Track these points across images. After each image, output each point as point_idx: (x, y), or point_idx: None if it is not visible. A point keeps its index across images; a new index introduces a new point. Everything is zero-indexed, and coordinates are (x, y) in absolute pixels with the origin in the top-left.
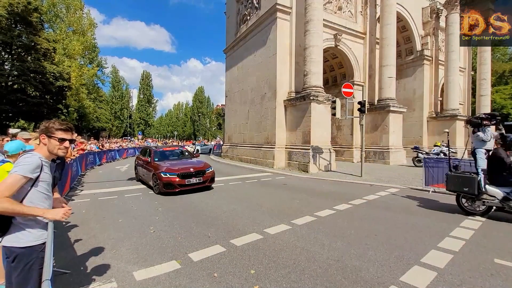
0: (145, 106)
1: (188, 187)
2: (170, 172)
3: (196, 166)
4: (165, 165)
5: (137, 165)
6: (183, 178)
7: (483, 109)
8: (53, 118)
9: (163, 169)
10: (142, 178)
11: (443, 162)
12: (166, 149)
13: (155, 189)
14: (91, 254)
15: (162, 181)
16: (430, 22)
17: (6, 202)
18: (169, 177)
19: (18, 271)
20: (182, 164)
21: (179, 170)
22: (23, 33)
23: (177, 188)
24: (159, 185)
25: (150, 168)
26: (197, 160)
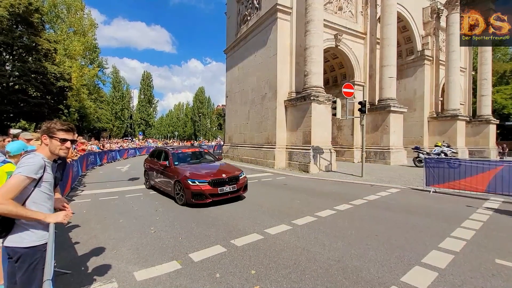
0: (146, 106)
1: (221, 197)
2: (199, 178)
3: (227, 171)
4: (190, 170)
5: (148, 170)
6: (215, 186)
7: (484, 109)
8: (54, 119)
9: (190, 175)
10: (157, 185)
11: (444, 163)
12: (185, 150)
13: (178, 200)
14: (92, 254)
15: (190, 190)
16: (431, 22)
17: (10, 204)
18: (198, 185)
19: (23, 271)
20: (209, 168)
21: (209, 176)
22: (24, 33)
23: (208, 198)
24: (185, 195)
25: (170, 174)
26: (223, 163)
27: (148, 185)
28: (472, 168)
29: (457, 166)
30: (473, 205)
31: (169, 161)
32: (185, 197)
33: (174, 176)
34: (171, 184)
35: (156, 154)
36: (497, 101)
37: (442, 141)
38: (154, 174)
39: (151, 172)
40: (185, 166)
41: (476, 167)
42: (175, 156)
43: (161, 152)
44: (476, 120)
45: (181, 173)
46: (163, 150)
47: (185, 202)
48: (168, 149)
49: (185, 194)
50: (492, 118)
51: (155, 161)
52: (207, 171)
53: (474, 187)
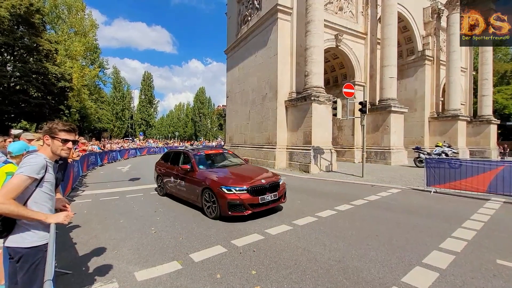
0: (147, 106)
1: (262, 207)
2: (236, 185)
3: (265, 176)
4: (221, 175)
5: (162, 174)
6: (256, 195)
7: (484, 109)
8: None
9: (224, 182)
10: (175, 193)
11: (445, 163)
12: (208, 152)
13: (207, 211)
14: (93, 255)
15: (227, 200)
16: (431, 22)
17: (12, 204)
18: (236, 194)
19: (24, 271)
20: (242, 173)
21: (247, 182)
22: (25, 34)
23: (247, 209)
24: (219, 206)
25: (195, 180)
26: (255, 166)
27: (162, 192)
28: (473, 168)
29: (458, 166)
30: (474, 205)
31: (192, 164)
32: (218, 208)
33: (201, 182)
34: (197, 193)
35: (172, 157)
36: (498, 101)
37: (443, 141)
38: (171, 180)
39: (166, 177)
40: (213, 170)
41: (477, 167)
42: (199, 158)
43: (179, 154)
44: (477, 120)
45: (212, 179)
46: (181, 152)
47: (219, 214)
48: (188, 150)
49: (219, 205)
50: (493, 118)
51: (171, 165)
52: (242, 176)
53: (475, 187)
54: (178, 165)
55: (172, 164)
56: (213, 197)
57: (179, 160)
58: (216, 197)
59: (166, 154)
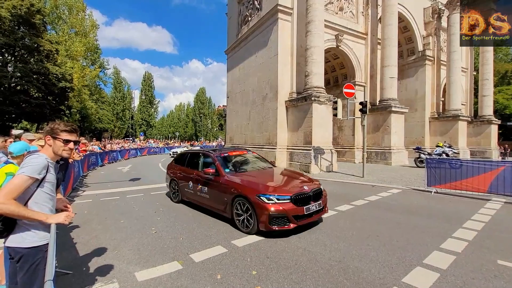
0: (147, 107)
1: (307, 219)
2: (277, 193)
3: (306, 182)
4: (256, 181)
5: (178, 179)
6: (301, 205)
7: (485, 109)
8: (55, 119)
9: (263, 189)
10: (195, 200)
11: (446, 163)
12: (232, 153)
13: (240, 225)
14: (93, 255)
15: (268, 211)
16: (432, 23)
17: (13, 205)
18: (278, 204)
19: (24, 271)
20: (279, 178)
21: (289, 190)
22: (26, 35)
23: (292, 222)
24: (259, 218)
25: (224, 186)
26: (289, 170)
27: (176, 199)
28: (473, 169)
29: (459, 166)
30: (475, 205)
31: (216, 168)
32: (256, 221)
33: (231, 189)
34: (226, 201)
35: (189, 159)
36: (499, 101)
37: (444, 142)
38: (189, 186)
39: (183, 182)
40: (242, 175)
41: (477, 168)
42: (223, 161)
43: (197, 156)
44: (477, 120)
45: (246, 186)
46: (200, 153)
47: (256, 228)
48: (209, 151)
49: (257, 217)
50: (493, 118)
51: (188, 168)
52: (279, 182)
53: (475, 187)
54: (198, 169)
55: (190, 167)
56: (249, 207)
57: (199, 163)
58: (253, 208)
59: (181, 156)
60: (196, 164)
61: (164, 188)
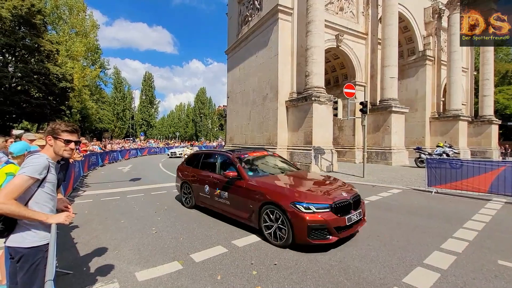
0: (147, 107)
1: (348, 231)
2: (315, 201)
3: (343, 188)
4: (287, 186)
5: (191, 182)
6: (341, 214)
7: (486, 109)
8: (56, 119)
9: (299, 196)
10: (213, 207)
11: (446, 163)
12: (253, 154)
13: (273, 237)
14: (94, 255)
15: (306, 222)
16: (432, 23)
17: (13, 205)
18: (317, 214)
19: (24, 271)
20: (311, 183)
21: (328, 197)
22: (26, 35)
23: (334, 235)
24: (294, 229)
25: (249, 191)
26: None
27: (189, 204)
28: (474, 169)
29: (459, 166)
30: (475, 205)
31: (238, 171)
32: (290, 233)
33: (258, 196)
34: (251, 209)
35: (203, 161)
36: (499, 101)
37: (444, 142)
38: (205, 190)
39: (196, 186)
40: (270, 179)
41: (478, 168)
42: (245, 163)
43: (213, 157)
44: (478, 120)
45: (277, 192)
46: (216, 154)
47: (290, 241)
48: (228, 153)
49: (292, 228)
50: (494, 118)
51: (202, 170)
52: (314, 187)
53: (476, 187)
54: (215, 171)
55: (205, 169)
56: (281, 217)
57: (216, 165)
58: (286, 218)
59: (193, 157)
60: (212, 166)
61: (164, 188)
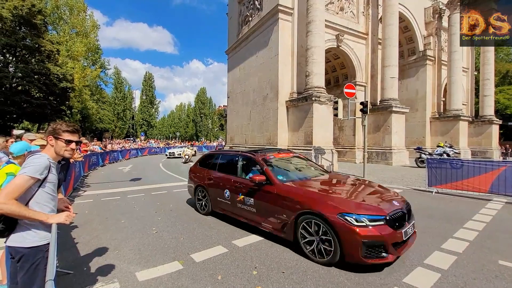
0: (148, 107)
1: (405, 247)
2: (367, 213)
3: (391, 195)
4: (329, 193)
5: (207, 186)
6: (397, 227)
7: (486, 109)
8: (57, 119)
9: (349, 206)
10: (235, 215)
11: (446, 163)
12: (279, 155)
13: (316, 252)
14: (94, 255)
15: (361, 237)
16: (433, 22)
17: (14, 204)
18: (373, 228)
19: (24, 271)
20: (354, 189)
21: (381, 207)
22: (27, 35)
23: (392, 252)
24: (345, 246)
25: (284, 198)
26: (356, 179)
27: (205, 210)
28: (474, 169)
29: (460, 166)
30: (476, 206)
31: (267, 175)
32: (339, 249)
33: (294, 204)
34: (284, 219)
35: (221, 162)
36: (500, 101)
37: (445, 142)
38: (225, 195)
39: (214, 191)
40: (305, 185)
41: (479, 168)
42: (273, 166)
43: (233, 158)
44: (478, 120)
45: (320, 201)
46: (237, 155)
47: (338, 257)
48: (251, 154)
49: (343, 245)
50: (495, 118)
51: (221, 173)
52: (360, 195)
53: (477, 187)
54: (237, 174)
55: (224, 172)
56: (324, 229)
57: (237, 167)
58: (332, 231)
59: (209, 158)
60: (232, 168)
61: (164, 188)
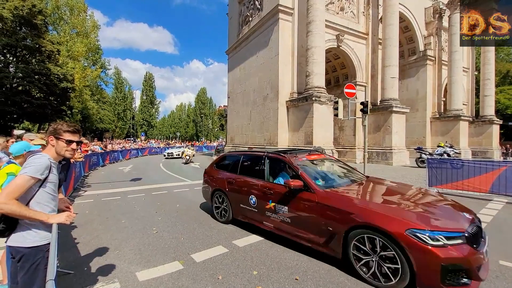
0: (148, 107)
1: (486, 268)
2: (445, 229)
3: (461, 207)
4: (389, 204)
5: (228, 191)
6: (477, 247)
7: (487, 109)
8: (57, 120)
9: (421, 221)
10: (264, 224)
11: (447, 163)
12: (311, 157)
13: (375, 274)
14: (94, 255)
15: (440, 260)
16: (433, 22)
17: (14, 204)
18: (452, 248)
19: (25, 271)
20: (412, 199)
21: (458, 222)
22: (27, 35)
23: (475, 277)
24: (423, 270)
25: (330, 209)
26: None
27: (225, 218)
28: (475, 169)
29: (460, 166)
30: (476, 206)
31: (304, 181)
32: (411, 274)
33: (342, 216)
34: (333, 234)
35: (243, 163)
36: (500, 101)
37: (445, 142)
38: (250, 201)
39: (236, 195)
40: (351, 192)
41: (479, 168)
42: (309, 170)
43: (258, 159)
44: (479, 120)
45: (379, 213)
46: (262, 155)
47: (408, 281)
48: (280, 155)
49: (415, 268)
50: (495, 118)
51: (243, 176)
52: (425, 205)
53: (477, 187)
54: (264, 178)
55: (247, 175)
56: (386, 246)
57: (263, 170)
58: (401, 251)
59: (227, 159)
60: (258, 172)
61: (165, 188)
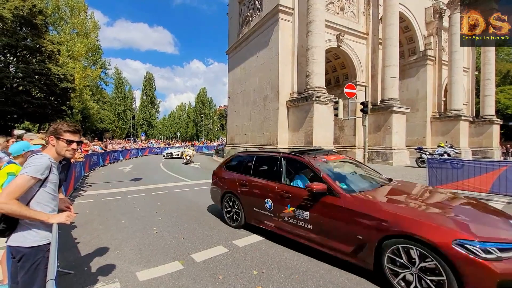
0: (148, 107)
1: None
2: (497, 239)
3: (497, 211)
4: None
5: (240, 194)
6: None
7: (487, 109)
8: (57, 120)
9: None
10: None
11: (447, 163)
12: (331, 158)
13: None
14: (95, 255)
15: (495, 276)
16: (433, 22)
17: (14, 204)
18: (505, 262)
19: (25, 271)
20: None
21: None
22: (28, 35)
23: None
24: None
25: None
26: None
27: (237, 222)
28: (475, 169)
29: (460, 166)
30: None
31: (328, 184)
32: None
33: (373, 223)
34: (362, 242)
35: (256, 165)
36: (501, 101)
37: (445, 142)
38: (266, 205)
39: (249, 198)
40: (380, 197)
41: (479, 168)
42: (330, 172)
43: (272, 160)
44: (479, 120)
45: (418, 221)
46: (278, 156)
47: None
48: (297, 155)
49: (465, 285)
50: (495, 118)
51: (257, 178)
52: (467, 212)
53: (477, 187)
54: (281, 180)
55: (261, 176)
56: (432, 259)
57: (279, 172)
58: (448, 265)
59: (238, 159)
60: (274, 173)
61: (165, 188)
